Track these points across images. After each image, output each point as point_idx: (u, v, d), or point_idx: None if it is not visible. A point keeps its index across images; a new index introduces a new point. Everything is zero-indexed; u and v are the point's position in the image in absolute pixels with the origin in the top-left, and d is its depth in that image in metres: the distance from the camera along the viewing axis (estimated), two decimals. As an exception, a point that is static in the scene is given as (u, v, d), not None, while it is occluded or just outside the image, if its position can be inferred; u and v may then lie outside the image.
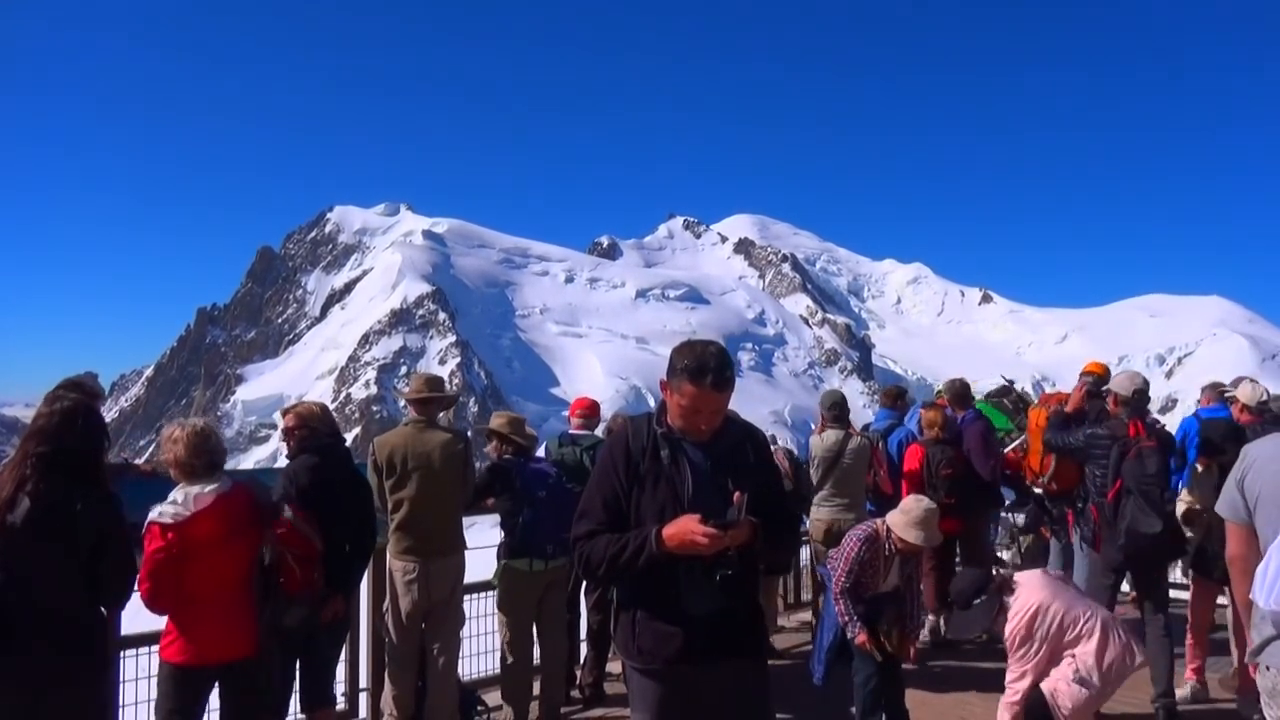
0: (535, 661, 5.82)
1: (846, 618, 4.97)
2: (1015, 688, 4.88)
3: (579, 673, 6.37)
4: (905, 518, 5.02)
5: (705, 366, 2.85)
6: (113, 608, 3.71)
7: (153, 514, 3.70)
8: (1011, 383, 9.85)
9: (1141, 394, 5.90)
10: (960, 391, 8.11)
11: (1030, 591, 4.88)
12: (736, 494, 2.78)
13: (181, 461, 3.81)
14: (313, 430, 4.74)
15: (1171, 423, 6.85)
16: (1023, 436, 8.26)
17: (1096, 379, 6.97)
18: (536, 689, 5.83)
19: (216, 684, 3.90)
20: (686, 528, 2.74)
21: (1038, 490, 7.35)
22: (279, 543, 3.97)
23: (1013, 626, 4.82)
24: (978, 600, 4.94)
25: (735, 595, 2.87)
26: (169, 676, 3.78)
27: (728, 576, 2.82)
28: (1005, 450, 8.28)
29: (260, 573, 3.94)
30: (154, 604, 3.74)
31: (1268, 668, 2.89)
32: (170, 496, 3.76)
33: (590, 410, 6.63)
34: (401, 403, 5.65)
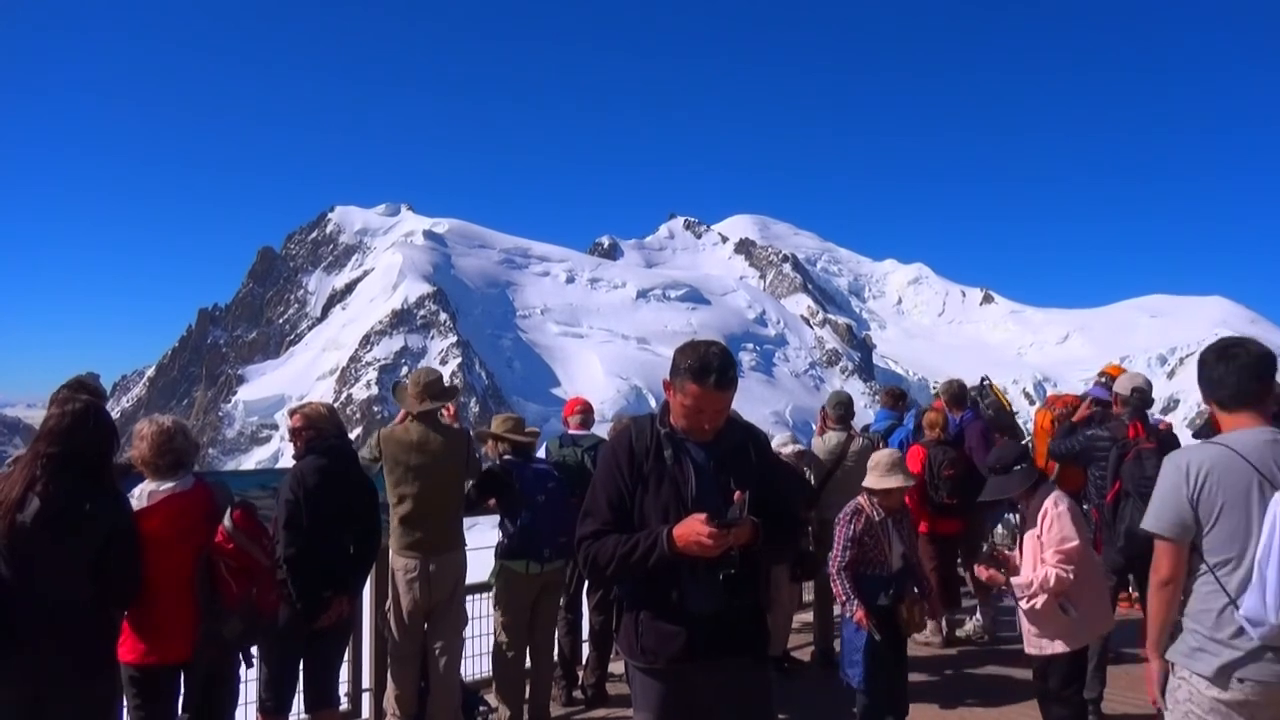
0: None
1: (844, 597, 5.00)
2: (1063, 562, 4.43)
3: (581, 673, 6.39)
4: (877, 470, 5.09)
5: (709, 366, 2.88)
6: (120, 607, 3.73)
7: None
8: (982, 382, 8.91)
9: (1141, 393, 5.93)
10: (957, 392, 8.14)
11: (1063, 498, 4.64)
12: (737, 493, 2.80)
13: (146, 459, 3.85)
14: (320, 431, 4.76)
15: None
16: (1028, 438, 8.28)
17: (1109, 379, 7.00)
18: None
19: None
20: (693, 528, 2.76)
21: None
22: (213, 551, 3.83)
23: (1055, 506, 4.52)
24: (1018, 466, 4.71)
25: (738, 594, 2.89)
26: (126, 678, 3.79)
27: (730, 576, 2.84)
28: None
29: (205, 578, 3.83)
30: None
31: (1241, 680, 2.82)
32: (132, 492, 3.80)
33: (587, 410, 6.71)
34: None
